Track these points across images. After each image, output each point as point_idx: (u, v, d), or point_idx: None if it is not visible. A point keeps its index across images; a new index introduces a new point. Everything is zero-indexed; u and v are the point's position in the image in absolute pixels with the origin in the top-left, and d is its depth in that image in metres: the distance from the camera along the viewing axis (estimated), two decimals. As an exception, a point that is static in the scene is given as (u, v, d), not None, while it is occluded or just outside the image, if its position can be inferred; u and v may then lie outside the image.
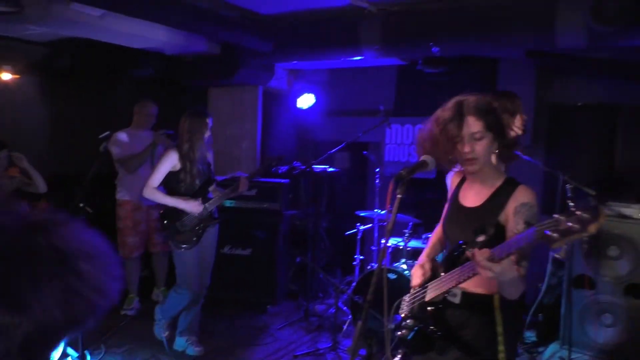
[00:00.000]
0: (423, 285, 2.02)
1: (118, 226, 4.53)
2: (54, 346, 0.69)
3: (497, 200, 1.90)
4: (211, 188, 3.79)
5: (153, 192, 3.58)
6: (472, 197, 2.00)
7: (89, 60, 5.23)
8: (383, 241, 4.29)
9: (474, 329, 1.91)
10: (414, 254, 4.09)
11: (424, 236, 4.19)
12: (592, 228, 1.40)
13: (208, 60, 5.04)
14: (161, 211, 3.72)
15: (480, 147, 1.88)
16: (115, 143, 4.41)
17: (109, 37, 4.27)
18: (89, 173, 3.56)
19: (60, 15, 3.65)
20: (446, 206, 2.15)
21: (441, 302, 1.93)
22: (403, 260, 4.05)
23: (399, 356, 2.11)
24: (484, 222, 1.86)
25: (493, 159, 1.93)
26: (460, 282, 1.82)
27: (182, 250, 3.61)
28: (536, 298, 4.04)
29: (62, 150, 5.65)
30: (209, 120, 3.70)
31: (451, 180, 2.16)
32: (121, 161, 4.46)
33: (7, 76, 5.15)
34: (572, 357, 3.59)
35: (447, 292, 1.90)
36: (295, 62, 5.36)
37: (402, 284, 3.73)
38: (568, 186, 3.32)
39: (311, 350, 3.96)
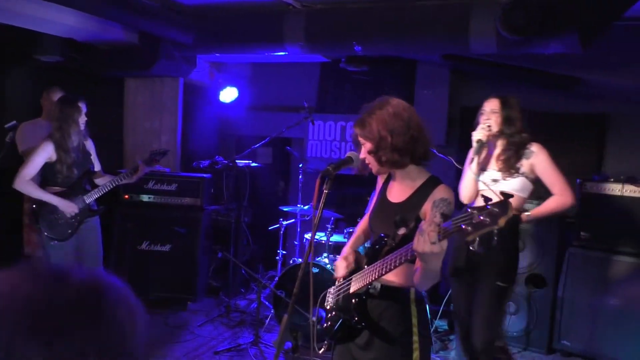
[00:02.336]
0: (347, 278, 2.07)
1: (24, 221, 4.25)
2: None
3: (419, 196, 2.00)
4: (97, 178, 3.72)
5: (26, 184, 3.40)
6: (397, 193, 2.08)
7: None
8: (308, 236, 4.35)
9: (392, 319, 1.99)
10: (336, 248, 4.17)
11: (345, 230, 4.29)
12: (502, 221, 1.49)
13: (124, 50, 4.83)
14: (34, 205, 3.52)
15: (364, 152, 2.02)
16: (20, 134, 4.13)
17: (15, 21, 3.97)
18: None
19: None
20: (373, 201, 2.22)
21: (364, 293, 1.99)
22: (325, 254, 4.13)
23: (324, 348, 2.15)
24: (406, 215, 1.93)
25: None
26: (382, 274, 1.88)
27: (53, 244, 3.51)
28: (448, 289, 4.27)
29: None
30: (82, 106, 3.58)
31: (380, 176, 2.23)
32: (24, 154, 4.21)
33: None
34: (480, 343, 3.83)
35: (370, 284, 1.96)
36: (217, 54, 5.27)
37: (324, 278, 3.80)
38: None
39: (233, 345, 3.94)
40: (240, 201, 4.96)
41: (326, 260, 4.04)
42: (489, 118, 3.04)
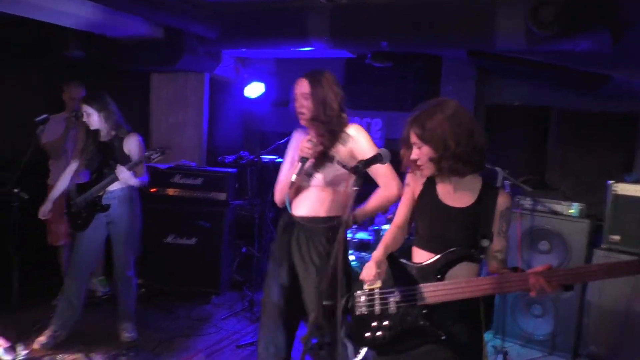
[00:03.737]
0: (403, 289, 1.99)
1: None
2: None
3: (486, 202, 1.96)
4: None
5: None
6: (456, 197, 2.00)
7: (18, 39, 4.91)
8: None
9: (463, 328, 1.94)
10: (361, 245, 4.17)
11: (370, 228, 4.28)
12: None
13: (150, 45, 4.86)
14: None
15: (420, 155, 1.96)
16: (43, 128, 4.24)
17: (39, 15, 4.02)
18: (23, 158, 3.40)
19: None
20: (413, 202, 2.14)
21: (434, 306, 1.92)
22: (350, 251, 4.12)
23: (360, 356, 2.11)
24: (480, 224, 1.93)
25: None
26: (478, 295, 1.86)
27: (79, 234, 3.66)
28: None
29: (21, 134, 5.29)
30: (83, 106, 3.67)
31: (412, 178, 2.16)
32: (45, 147, 4.37)
33: None
34: (505, 345, 3.80)
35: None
36: (242, 50, 5.28)
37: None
38: (507, 183, 3.50)
39: (255, 339, 3.96)
40: (264, 196, 4.98)
41: (352, 257, 4.03)
42: (302, 105, 2.64)
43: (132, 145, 3.68)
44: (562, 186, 4.73)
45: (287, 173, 2.74)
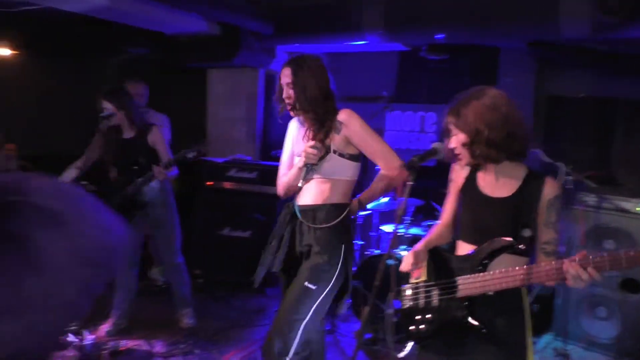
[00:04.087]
0: (445, 281, 1.97)
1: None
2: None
3: (529, 191, 1.89)
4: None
5: None
6: (497, 187, 1.96)
7: (84, 37, 5.15)
8: (385, 228, 4.29)
9: (506, 321, 1.91)
10: (415, 240, 4.11)
11: (424, 223, 4.21)
12: None
13: (207, 41, 4.98)
14: None
15: (457, 143, 1.94)
16: (108, 123, 4.40)
17: (106, 15, 4.20)
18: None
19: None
20: (457, 196, 2.12)
21: (478, 296, 1.89)
22: (404, 247, 4.08)
23: (407, 350, 2.09)
24: (522, 213, 1.87)
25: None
26: (517, 285, 1.82)
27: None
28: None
29: (57, 128, 5.59)
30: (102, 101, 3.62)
31: (456, 173, 2.13)
32: None
33: (6, 52, 5.08)
34: (566, 348, 3.65)
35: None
36: (296, 45, 5.32)
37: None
38: (569, 178, 3.35)
39: (308, 333, 4.00)
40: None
41: (404, 253, 3.99)
42: (289, 96, 2.52)
43: (156, 138, 3.66)
44: (629, 182, 4.48)
45: (289, 168, 2.70)
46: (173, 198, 3.92)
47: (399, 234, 4.16)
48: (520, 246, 1.83)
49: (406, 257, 2.02)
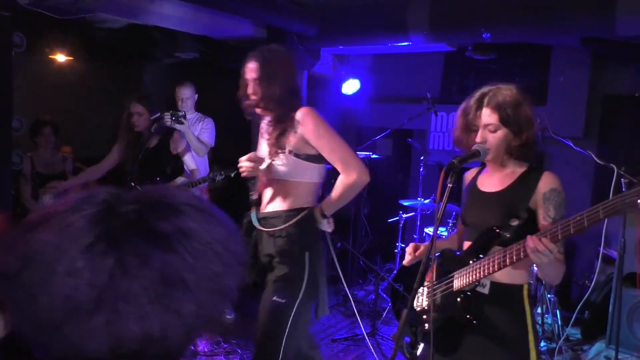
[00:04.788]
0: (444, 277, 2.00)
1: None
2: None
3: (524, 184, 1.90)
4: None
5: None
6: (493, 183, 1.99)
7: (137, 44, 5.34)
8: (428, 230, 4.24)
9: (504, 319, 1.89)
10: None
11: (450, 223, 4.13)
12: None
13: (254, 44, 5.04)
14: None
15: (493, 139, 1.91)
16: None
17: (157, 21, 4.34)
18: (141, 153, 3.64)
19: (113, -1, 3.74)
20: (463, 198, 2.14)
21: (471, 291, 1.91)
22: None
23: (419, 351, 2.07)
24: (513, 205, 1.87)
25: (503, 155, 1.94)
26: (493, 271, 1.80)
27: None
28: (583, 294, 3.93)
29: (109, 130, 5.80)
30: (132, 105, 3.53)
31: (466, 176, 2.17)
32: None
33: (61, 58, 5.33)
34: (619, 357, 3.48)
35: (477, 281, 1.87)
36: (340, 47, 5.32)
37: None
38: (623, 180, 3.19)
39: (350, 335, 3.99)
40: (359, 192, 4.99)
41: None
42: (254, 92, 2.31)
43: (178, 144, 3.59)
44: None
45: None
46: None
47: (442, 237, 4.08)
48: (506, 234, 1.82)
49: (409, 249, 2.11)
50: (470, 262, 1.90)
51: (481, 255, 1.88)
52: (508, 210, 1.88)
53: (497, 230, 1.85)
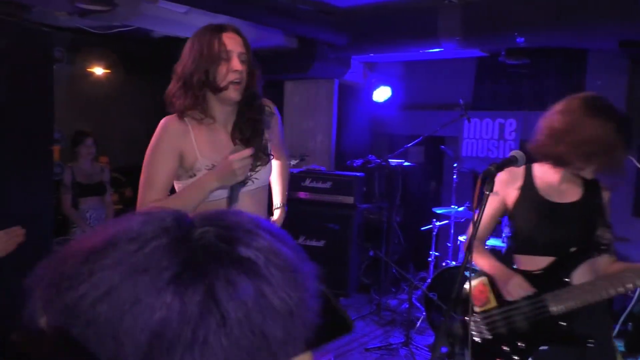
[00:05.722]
0: (534, 300, 1.87)
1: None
2: None
3: (593, 193, 1.87)
4: None
5: None
6: (561, 193, 1.92)
7: (172, 56, 5.45)
8: (462, 238, 4.19)
9: (599, 329, 1.86)
10: (493, 252, 3.94)
11: (504, 234, 4.04)
12: None
13: (284, 54, 5.10)
14: None
15: None
16: None
17: (190, 33, 4.42)
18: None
19: (148, 12, 3.83)
20: (508, 210, 2.01)
21: (570, 312, 1.82)
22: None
23: None
24: (592, 217, 1.84)
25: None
26: (607, 297, 1.75)
27: None
28: (626, 306, 3.79)
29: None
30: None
31: (502, 178, 1.98)
32: None
33: (99, 71, 5.49)
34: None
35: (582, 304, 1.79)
36: (371, 54, 5.32)
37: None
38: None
39: (383, 344, 3.95)
40: (391, 200, 4.96)
41: (482, 265, 3.85)
42: (241, 70, 1.82)
43: None
44: None
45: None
46: None
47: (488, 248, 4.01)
48: (602, 247, 1.82)
49: (516, 284, 1.86)
50: (565, 280, 1.83)
51: (570, 271, 1.83)
52: (590, 222, 1.86)
53: (593, 245, 1.84)
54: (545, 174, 1.97)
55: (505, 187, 2.02)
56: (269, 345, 0.53)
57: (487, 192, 1.86)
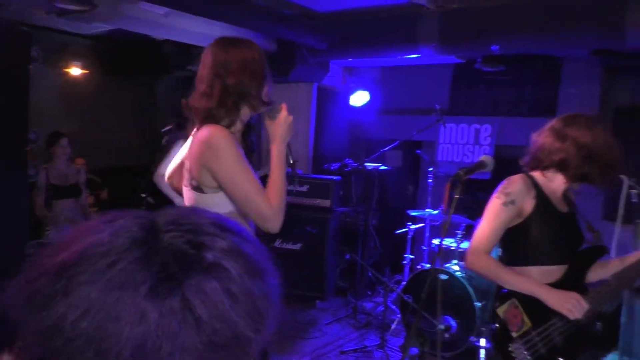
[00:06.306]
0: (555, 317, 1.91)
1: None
2: None
3: (572, 204, 2.09)
4: None
5: (159, 180, 3.65)
6: (562, 203, 2.06)
7: (151, 57, 5.43)
8: (437, 241, 4.25)
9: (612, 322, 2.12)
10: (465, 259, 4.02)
11: (459, 235, 4.12)
12: None
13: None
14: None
15: None
16: (168, 138, 4.59)
17: (171, 35, 4.42)
18: (151, 165, 3.70)
19: (128, 13, 3.82)
20: (525, 219, 1.99)
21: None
22: (455, 261, 4.00)
23: None
24: (580, 225, 2.05)
25: None
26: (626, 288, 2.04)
27: None
28: (600, 310, 3.89)
29: (124, 143, 5.90)
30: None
31: (519, 188, 1.98)
32: None
33: (76, 71, 5.43)
34: (632, 369, 3.44)
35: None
36: (350, 59, 5.37)
37: (453, 285, 3.69)
38: (633, 192, 3.17)
39: (359, 347, 3.98)
40: (368, 204, 5.00)
41: (456, 267, 3.91)
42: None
43: None
44: None
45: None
46: None
47: (450, 248, 4.08)
48: (603, 247, 2.05)
49: (578, 303, 1.85)
50: (583, 284, 1.96)
51: (585, 273, 2.01)
52: (580, 230, 2.07)
53: (604, 247, 2.02)
54: (547, 184, 2.01)
55: (523, 197, 1.97)
56: (240, 340, 0.55)
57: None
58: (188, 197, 1.88)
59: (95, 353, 0.50)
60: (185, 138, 3.57)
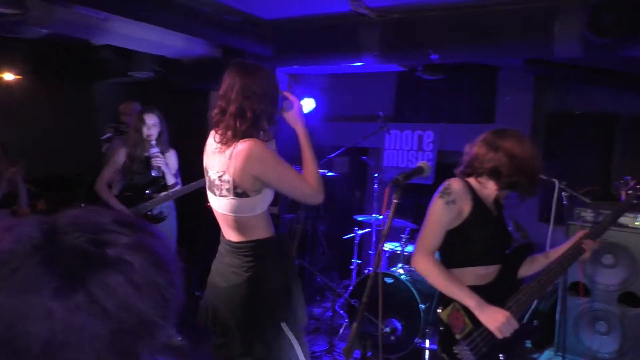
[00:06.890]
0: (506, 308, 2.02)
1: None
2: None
3: (500, 208, 2.21)
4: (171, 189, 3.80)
5: (100, 188, 3.67)
6: (492, 206, 2.17)
7: (89, 62, 5.26)
8: (385, 246, 4.32)
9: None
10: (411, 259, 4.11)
11: (403, 239, 4.23)
12: None
13: (208, 64, 5.07)
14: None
15: None
16: (108, 145, 4.47)
17: (111, 40, 4.31)
18: (91, 173, 3.60)
19: (63, 17, 3.69)
20: (461, 221, 2.06)
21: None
22: (400, 264, 4.08)
23: None
24: (513, 225, 2.19)
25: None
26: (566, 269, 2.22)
27: None
28: (532, 304, 4.06)
29: (61, 150, 5.67)
30: (145, 117, 3.74)
31: (459, 188, 2.08)
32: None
33: (9, 77, 5.20)
34: (567, 363, 3.62)
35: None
36: (295, 66, 5.40)
37: (398, 288, 3.76)
38: (564, 194, 3.36)
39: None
40: (316, 210, 5.03)
41: (401, 271, 3.99)
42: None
43: (172, 160, 3.92)
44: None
45: None
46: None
47: (396, 252, 4.16)
48: (531, 245, 2.22)
49: (508, 324, 1.94)
50: (517, 281, 2.09)
51: (517, 271, 2.14)
52: (508, 232, 2.22)
53: (532, 243, 2.19)
54: (481, 189, 2.12)
55: (462, 198, 2.05)
56: (147, 326, 0.59)
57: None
58: (227, 205, 2.18)
59: (11, 352, 0.54)
60: (125, 144, 3.52)
